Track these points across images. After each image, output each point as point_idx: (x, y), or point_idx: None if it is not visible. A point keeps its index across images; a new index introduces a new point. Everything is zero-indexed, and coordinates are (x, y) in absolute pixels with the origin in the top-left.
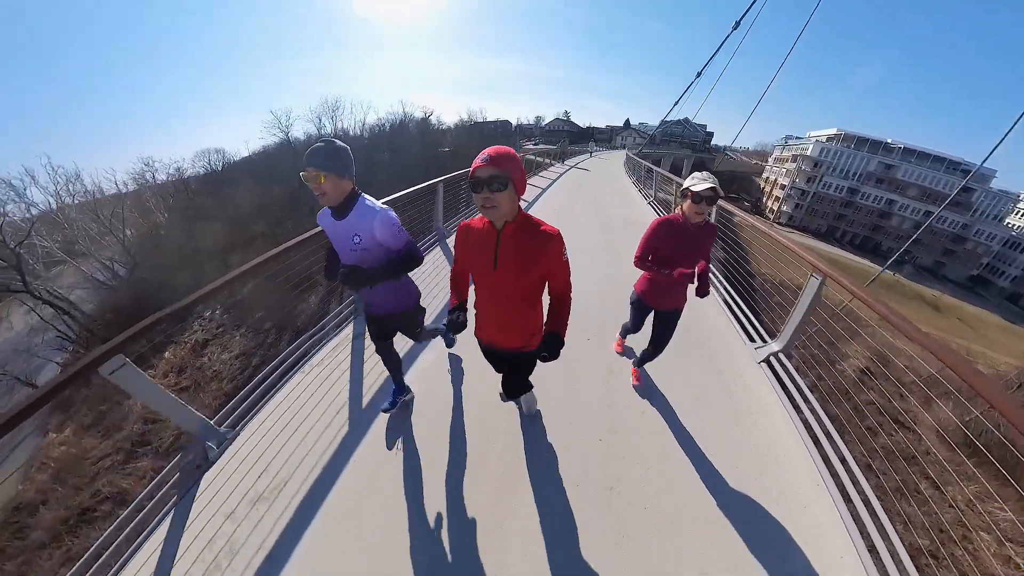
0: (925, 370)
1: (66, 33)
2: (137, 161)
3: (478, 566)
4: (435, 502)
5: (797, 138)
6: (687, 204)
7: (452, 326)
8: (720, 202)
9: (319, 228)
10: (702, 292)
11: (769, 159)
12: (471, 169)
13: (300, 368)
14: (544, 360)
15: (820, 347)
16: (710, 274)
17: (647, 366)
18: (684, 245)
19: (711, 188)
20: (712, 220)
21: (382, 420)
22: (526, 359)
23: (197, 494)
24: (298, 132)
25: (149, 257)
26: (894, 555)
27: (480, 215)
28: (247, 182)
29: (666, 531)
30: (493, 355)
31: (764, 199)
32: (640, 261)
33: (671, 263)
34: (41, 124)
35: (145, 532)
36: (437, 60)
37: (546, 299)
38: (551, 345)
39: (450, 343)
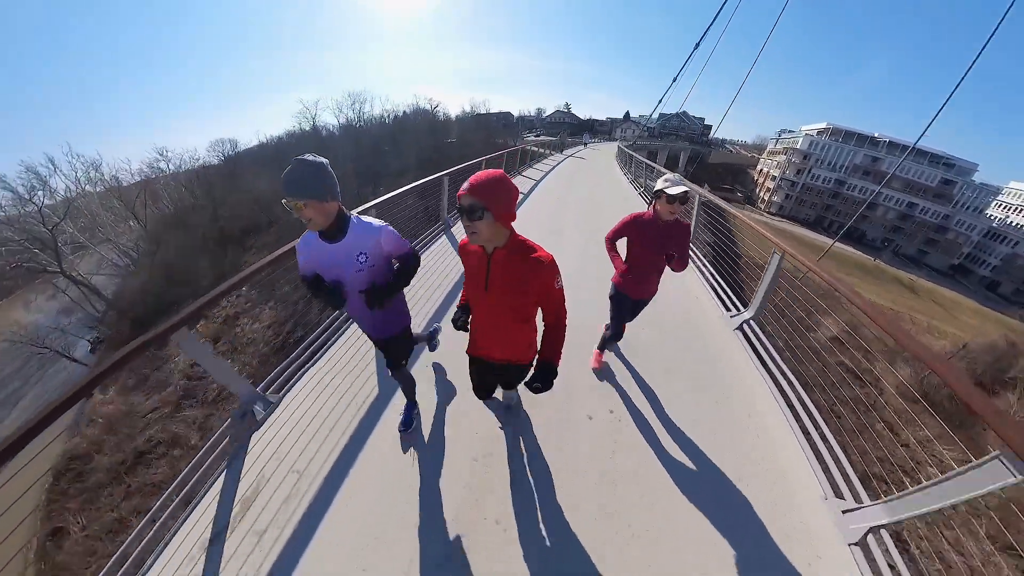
0: (875, 332)
1: (77, 29)
2: (152, 151)
3: (475, 563)
4: (421, 496)
5: (790, 132)
6: (661, 203)
7: (453, 322)
8: (706, 194)
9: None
10: (677, 269)
11: (764, 152)
12: (458, 194)
13: (335, 341)
14: (536, 391)
15: (789, 316)
16: (736, 317)
17: (636, 337)
18: (652, 239)
19: (684, 192)
20: (690, 219)
21: (396, 406)
22: (515, 371)
23: (248, 450)
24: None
25: (169, 242)
26: (846, 477)
27: None
28: (264, 168)
29: (661, 498)
30: (483, 368)
31: (757, 190)
32: (608, 241)
33: (638, 255)
34: (62, 113)
35: (204, 486)
36: (440, 53)
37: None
38: (544, 375)
39: (434, 347)
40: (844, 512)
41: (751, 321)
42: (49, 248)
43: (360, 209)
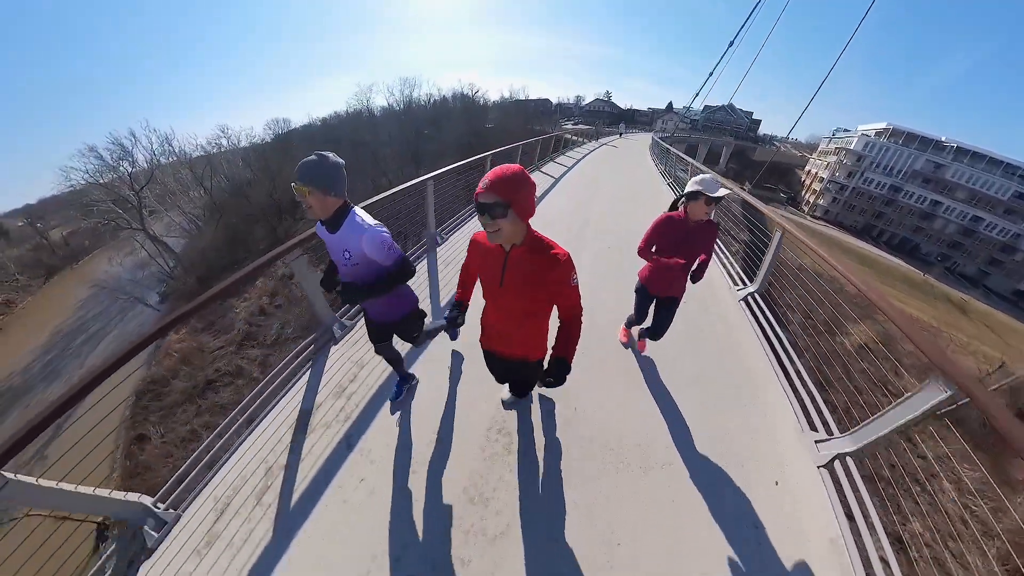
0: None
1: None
2: (215, 128)
3: (471, 557)
4: (427, 484)
5: (845, 131)
6: (698, 204)
7: (450, 324)
8: (768, 210)
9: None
10: (696, 278)
11: (816, 151)
12: (476, 191)
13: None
14: (550, 386)
15: (792, 293)
16: (741, 291)
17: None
18: (681, 240)
19: (700, 192)
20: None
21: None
22: (528, 369)
23: (327, 362)
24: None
25: (230, 210)
26: (820, 414)
27: None
28: (314, 146)
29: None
30: (496, 363)
31: (803, 192)
32: (642, 252)
33: (668, 255)
34: (141, 91)
35: (288, 384)
36: (480, 38)
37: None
38: (557, 371)
39: (454, 336)
40: (817, 442)
41: (755, 295)
42: (133, 208)
43: (362, 204)
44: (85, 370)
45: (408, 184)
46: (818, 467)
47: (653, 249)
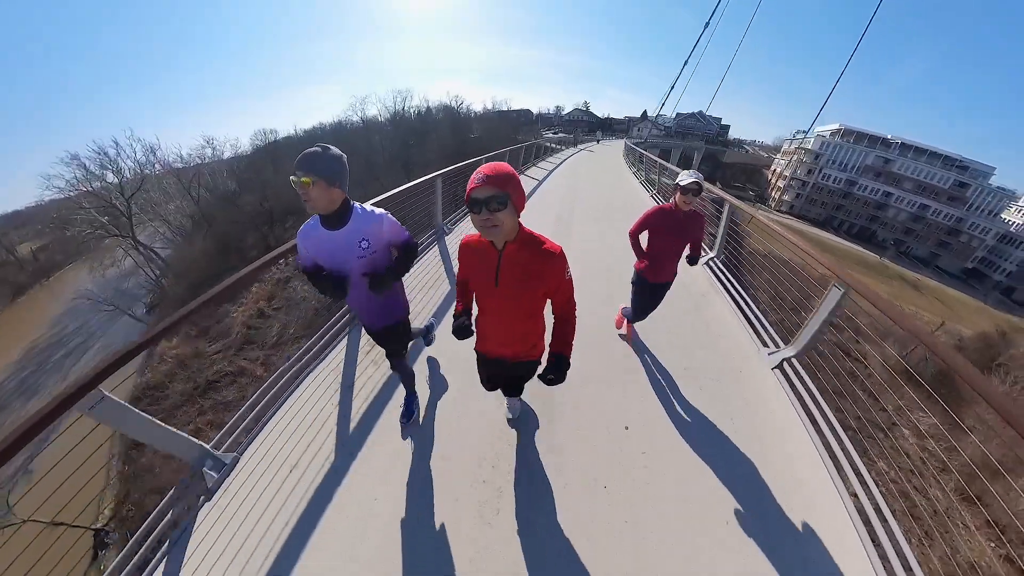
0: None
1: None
2: (199, 138)
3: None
4: (432, 491)
5: (803, 132)
6: (678, 195)
7: (458, 332)
8: (716, 190)
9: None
10: (693, 262)
11: (780, 152)
12: (467, 189)
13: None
14: (550, 383)
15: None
16: (703, 257)
17: (666, 370)
18: (672, 229)
19: (694, 182)
20: (710, 212)
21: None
22: (524, 368)
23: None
24: (326, 117)
25: (220, 219)
26: (769, 334)
27: (479, 233)
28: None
29: (672, 521)
30: (492, 365)
31: (769, 189)
32: (632, 235)
33: (658, 243)
34: (124, 101)
35: (309, 368)
36: (461, 46)
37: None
38: (557, 368)
39: (429, 342)
40: (769, 354)
41: (714, 260)
42: (123, 217)
43: (372, 201)
44: (90, 367)
45: (420, 180)
46: (771, 369)
47: (645, 235)
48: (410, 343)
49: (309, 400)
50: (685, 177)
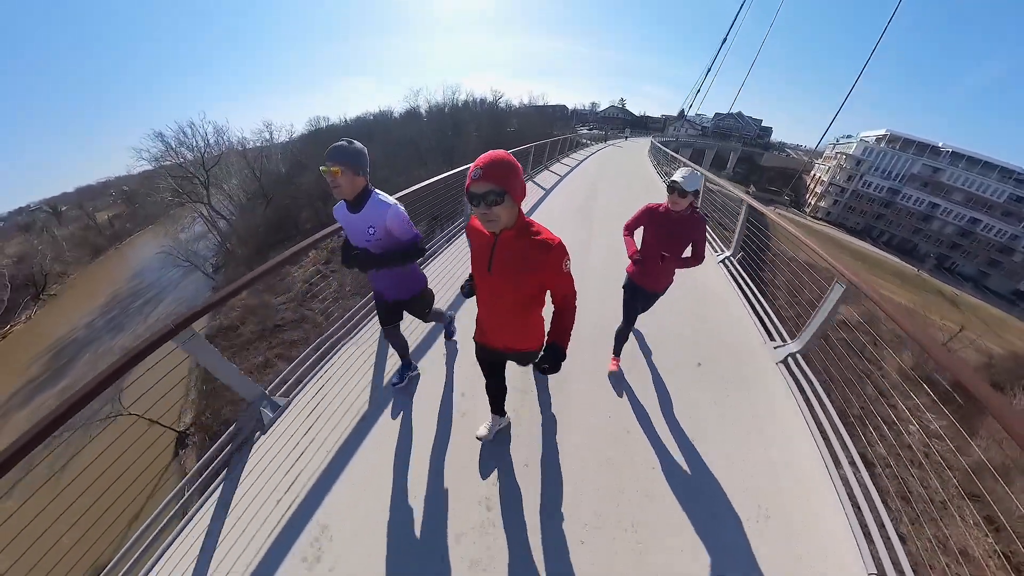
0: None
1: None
2: (260, 123)
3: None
4: (424, 479)
5: (848, 137)
6: (671, 195)
7: (463, 288)
8: (732, 188)
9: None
10: (688, 264)
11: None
12: (467, 182)
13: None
14: (545, 372)
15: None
16: (719, 256)
17: (673, 363)
18: (663, 230)
19: (673, 180)
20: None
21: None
22: (518, 357)
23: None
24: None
25: (279, 195)
26: (777, 329)
27: None
28: (361, 139)
29: (675, 518)
30: (487, 354)
31: (807, 195)
32: (625, 229)
33: (648, 244)
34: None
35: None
36: (498, 41)
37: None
38: (552, 357)
39: (449, 334)
40: (775, 348)
41: (730, 259)
42: (201, 186)
43: (409, 190)
44: (186, 309)
45: (451, 173)
46: (776, 363)
47: (639, 233)
48: (430, 307)
49: (352, 356)
50: (676, 175)
